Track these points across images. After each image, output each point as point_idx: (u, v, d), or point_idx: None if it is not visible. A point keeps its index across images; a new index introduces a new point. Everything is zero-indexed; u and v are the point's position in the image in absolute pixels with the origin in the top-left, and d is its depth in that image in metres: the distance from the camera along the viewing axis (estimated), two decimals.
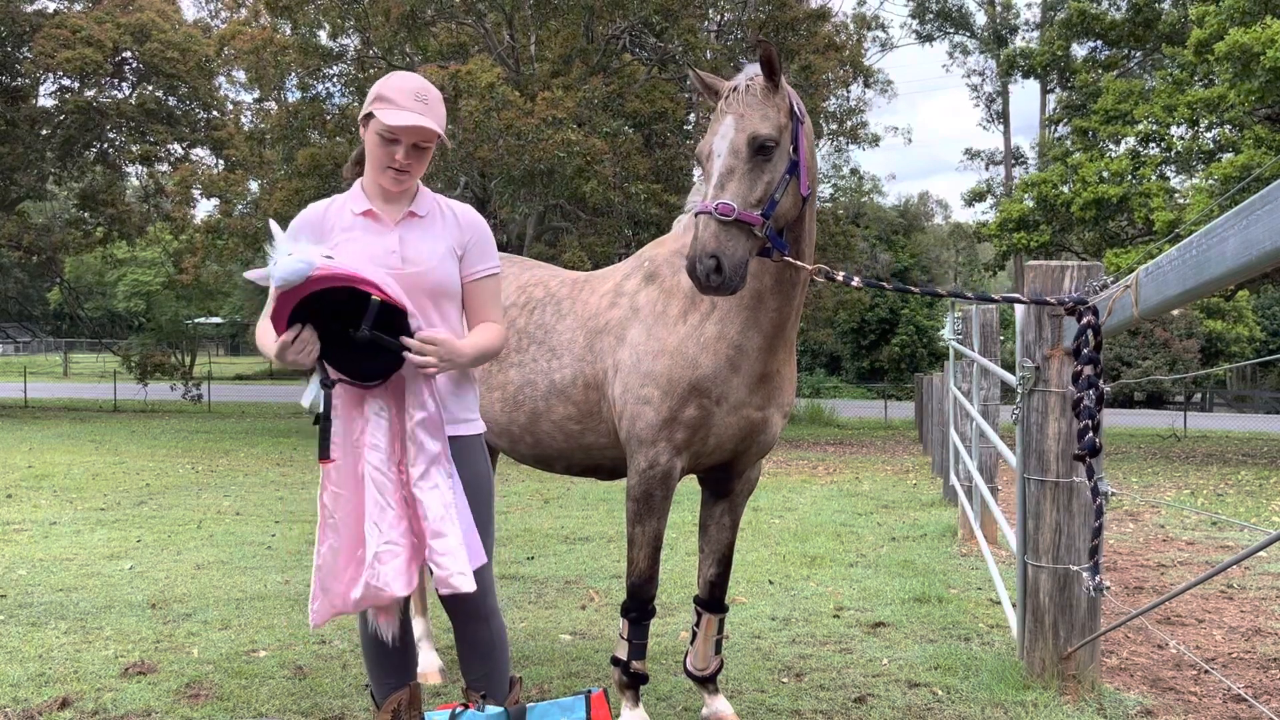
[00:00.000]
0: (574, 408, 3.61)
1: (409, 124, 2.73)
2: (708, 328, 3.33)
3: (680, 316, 3.38)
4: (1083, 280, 3.97)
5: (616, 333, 3.52)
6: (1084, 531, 4.03)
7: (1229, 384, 40.73)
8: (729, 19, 22.40)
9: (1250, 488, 12.36)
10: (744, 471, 3.70)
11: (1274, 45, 14.37)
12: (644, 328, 3.43)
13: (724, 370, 3.32)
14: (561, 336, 3.69)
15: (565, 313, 3.74)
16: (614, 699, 3.56)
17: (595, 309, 3.64)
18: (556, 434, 3.69)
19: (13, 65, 24.48)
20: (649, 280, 3.53)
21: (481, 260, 2.93)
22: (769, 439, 3.58)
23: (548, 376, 3.67)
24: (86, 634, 4.85)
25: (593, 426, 3.60)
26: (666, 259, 3.52)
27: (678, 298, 3.41)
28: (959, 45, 39.56)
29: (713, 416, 3.36)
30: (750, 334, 3.32)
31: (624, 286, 3.61)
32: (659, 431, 3.35)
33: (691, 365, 3.32)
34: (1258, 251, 1.68)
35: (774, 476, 12.72)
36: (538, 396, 3.69)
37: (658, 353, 3.36)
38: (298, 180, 17.50)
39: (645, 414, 3.36)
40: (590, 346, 3.59)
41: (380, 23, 18.53)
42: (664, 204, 17.62)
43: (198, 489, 10.74)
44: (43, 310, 49.15)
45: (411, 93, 2.79)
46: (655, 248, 3.66)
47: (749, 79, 3.05)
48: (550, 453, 3.77)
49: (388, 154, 2.78)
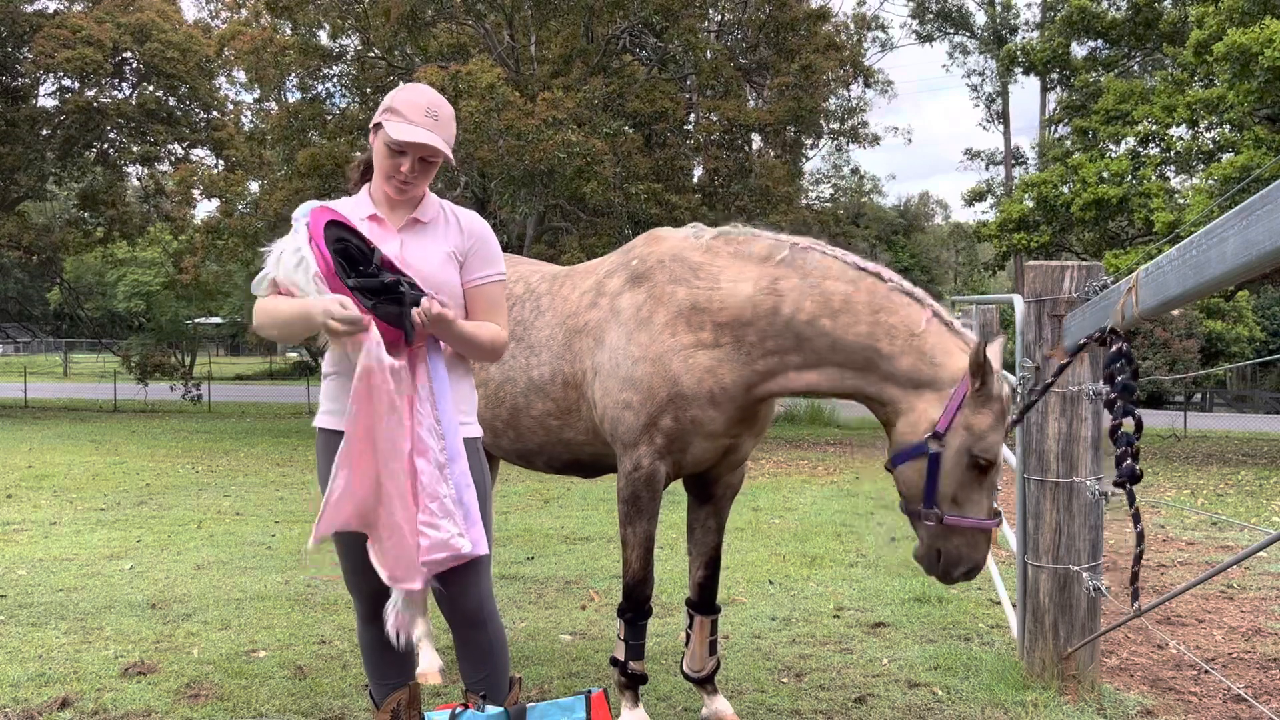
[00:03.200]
0: (553, 404, 3.61)
1: (416, 140, 2.74)
2: (700, 356, 3.26)
3: (667, 327, 3.30)
4: (1083, 280, 3.98)
5: (595, 334, 3.47)
6: (1084, 531, 4.03)
7: (1229, 384, 40.73)
8: (729, 19, 22.39)
9: (1250, 488, 12.35)
10: (721, 477, 3.70)
11: (1272, 45, 14.37)
12: (624, 332, 3.37)
13: (703, 399, 3.27)
14: (540, 334, 3.67)
15: (544, 309, 3.72)
16: (614, 699, 3.56)
17: (575, 307, 3.61)
18: (537, 429, 3.69)
19: (13, 65, 24.47)
20: (636, 281, 3.44)
21: (484, 267, 2.92)
22: (742, 457, 3.62)
23: (526, 373, 3.66)
24: (86, 634, 4.85)
25: (572, 423, 3.60)
26: (663, 263, 3.41)
27: (667, 308, 3.32)
28: (959, 45, 39.56)
29: (687, 433, 3.33)
30: (744, 393, 3.28)
31: (605, 285, 3.55)
32: (640, 435, 3.33)
33: (671, 381, 3.26)
34: (1258, 252, 1.68)
35: (774, 477, 12.72)
36: (517, 393, 3.69)
37: (638, 358, 3.31)
38: (298, 180, 17.49)
39: (626, 418, 3.34)
40: (569, 345, 3.56)
41: (380, 23, 18.52)
42: (664, 204, 17.62)
43: (198, 489, 10.74)
44: (43, 310, 49.12)
45: (423, 109, 2.79)
46: (650, 244, 3.55)
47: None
48: (531, 447, 3.77)
49: (394, 165, 2.80)
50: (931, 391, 2.99)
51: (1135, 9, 20.96)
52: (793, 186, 21.15)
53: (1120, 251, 17.59)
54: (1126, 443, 2.60)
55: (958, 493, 2.99)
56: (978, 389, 2.93)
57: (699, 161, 21.24)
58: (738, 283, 3.26)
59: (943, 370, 3.00)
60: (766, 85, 21.96)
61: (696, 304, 3.29)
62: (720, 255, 3.36)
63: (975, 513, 2.99)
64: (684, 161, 20.44)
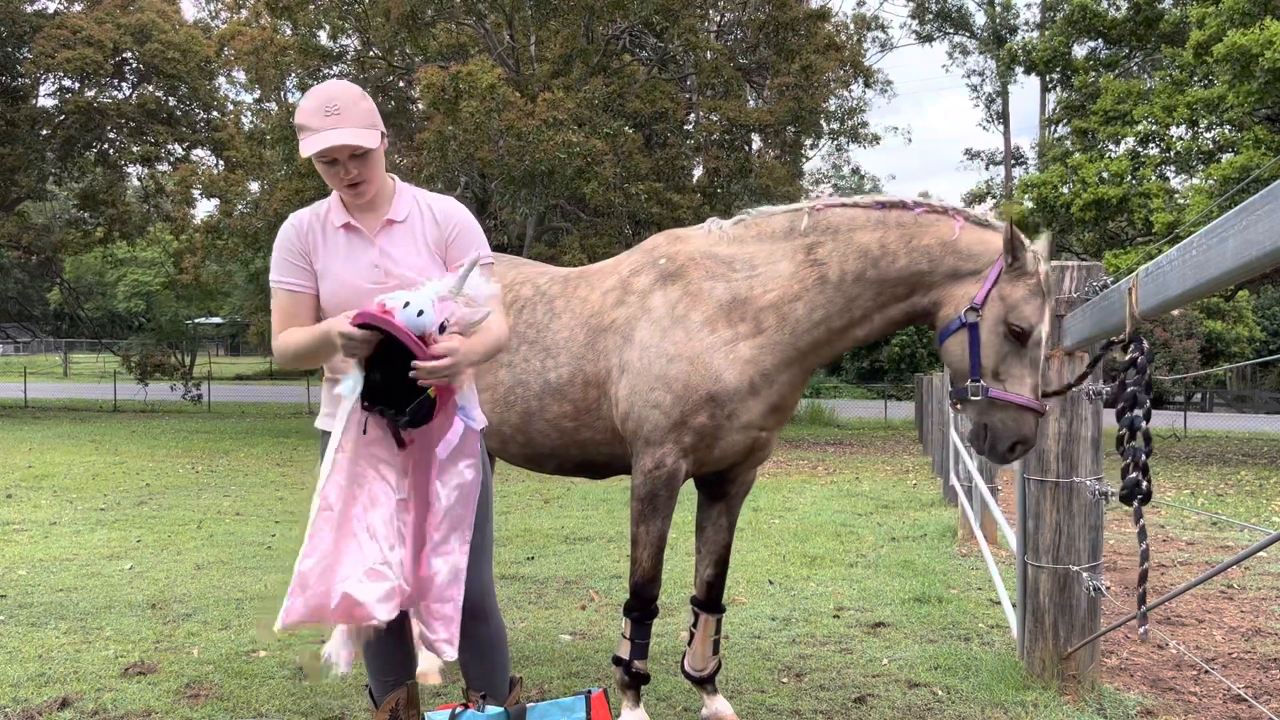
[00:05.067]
0: (570, 405, 3.56)
1: (324, 147, 2.64)
2: (741, 348, 3.30)
3: (706, 324, 3.32)
4: (1083, 280, 3.97)
5: (623, 332, 3.44)
6: (1084, 531, 4.03)
7: (1229, 384, 40.73)
8: (729, 19, 22.40)
9: (1250, 488, 12.36)
10: (740, 476, 3.70)
11: (1273, 47, 14.37)
12: (657, 329, 3.36)
13: (744, 391, 3.31)
14: (557, 335, 3.61)
15: (559, 311, 3.67)
16: (614, 699, 3.56)
17: (597, 306, 3.56)
18: (551, 432, 3.63)
19: (13, 65, 24.48)
20: (668, 279, 3.44)
21: (468, 252, 2.82)
22: (766, 454, 3.64)
23: (542, 376, 3.59)
24: (86, 634, 4.85)
25: (589, 423, 3.56)
26: (695, 260, 3.42)
27: (706, 305, 3.34)
28: (959, 45, 39.60)
29: (722, 429, 3.34)
30: (785, 372, 3.35)
31: (632, 284, 3.51)
32: (667, 434, 3.32)
33: (713, 378, 3.28)
34: (1258, 251, 1.68)
35: (774, 476, 12.72)
36: (530, 396, 3.62)
37: (674, 356, 3.31)
38: (297, 180, 17.50)
39: (653, 416, 3.32)
40: (591, 344, 3.52)
41: (380, 23, 18.54)
42: (664, 204, 17.62)
43: (198, 489, 10.74)
44: (43, 310, 49.16)
45: (320, 110, 2.66)
46: (673, 244, 3.54)
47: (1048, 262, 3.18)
48: (543, 451, 3.72)
49: (333, 175, 2.73)
50: (972, 277, 3.16)
51: (1136, 9, 20.95)
52: (793, 186, 21.13)
53: (1120, 251, 17.60)
54: (1133, 455, 2.60)
55: (999, 365, 3.10)
56: (1011, 264, 3.08)
57: (699, 161, 21.25)
58: (775, 263, 3.34)
59: (981, 257, 3.16)
60: (766, 85, 21.96)
61: (737, 296, 3.34)
62: (747, 243, 3.42)
63: (1018, 388, 3.08)
64: (684, 161, 20.44)
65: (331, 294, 2.84)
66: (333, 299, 2.84)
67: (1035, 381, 3.09)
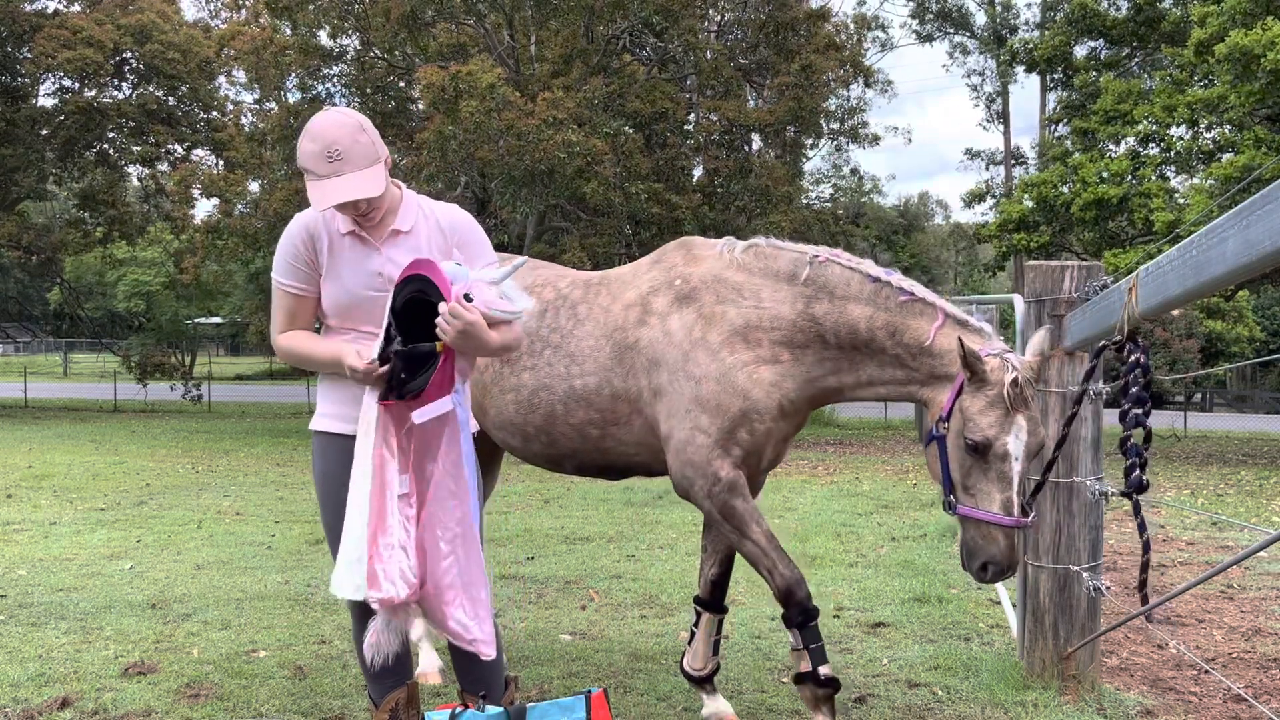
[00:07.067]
0: (597, 414, 3.56)
1: (327, 205, 2.65)
2: (763, 372, 3.32)
3: (725, 346, 3.34)
4: (1083, 280, 3.98)
5: (649, 354, 3.46)
6: (1084, 531, 4.03)
7: (1229, 384, 40.72)
8: (729, 19, 22.40)
9: (1250, 488, 12.35)
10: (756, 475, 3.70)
11: (1274, 47, 14.36)
12: (679, 354, 3.39)
13: (773, 411, 3.34)
14: (582, 343, 3.61)
15: (583, 318, 3.66)
16: (614, 699, 3.56)
17: (621, 321, 3.56)
18: (574, 436, 3.64)
19: (13, 65, 24.47)
20: (683, 302, 3.46)
21: (473, 260, 2.86)
22: (779, 459, 3.66)
23: (566, 382, 3.59)
24: (86, 634, 4.85)
25: (614, 433, 3.57)
26: (706, 283, 3.45)
27: (720, 328, 3.37)
28: (959, 45, 39.55)
29: (761, 444, 3.38)
30: (805, 397, 3.38)
31: (652, 304, 3.53)
32: (712, 452, 3.32)
33: (740, 396, 3.30)
34: (1258, 251, 1.68)
35: (774, 476, 12.71)
36: (555, 400, 3.62)
37: (700, 378, 3.33)
38: (298, 181, 17.47)
39: (698, 439, 3.33)
40: (619, 359, 3.52)
41: (380, 23, 18.52)
42: (665, 203, 17.61)
43: (198, 489, 10.74)
44: (43, 310, 49.16)
45: (322, 156, 2.63)
46: (689, 265, 3.55)
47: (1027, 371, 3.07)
48: (564, 452, 3.72)
49: (343, 210, 2.74)
50: (948, 383, 3.15)
51: (1136, 9, 20.95)
52: (793, 186, 21.13)
53: (1120, 251, 17.59)
54: (1136, 453, 2.60)
55: (965, 480, 3.06)
56: (970, 376, 3.04)
57: (699, 161, 21.23)
58: (779, 304, 3.37)
59: (953, 365, 3.14)
60: (766, 85, 21.96)
61: (749, 322, 3.36)
62: (754, 273, 3.44)
63: (986, 504, 3.01)
64: (684, 161, 20.42)
65: (334, 298, 2.84)
66: (335, 303, 2.85)
67: (1008, 496, 2.98)
